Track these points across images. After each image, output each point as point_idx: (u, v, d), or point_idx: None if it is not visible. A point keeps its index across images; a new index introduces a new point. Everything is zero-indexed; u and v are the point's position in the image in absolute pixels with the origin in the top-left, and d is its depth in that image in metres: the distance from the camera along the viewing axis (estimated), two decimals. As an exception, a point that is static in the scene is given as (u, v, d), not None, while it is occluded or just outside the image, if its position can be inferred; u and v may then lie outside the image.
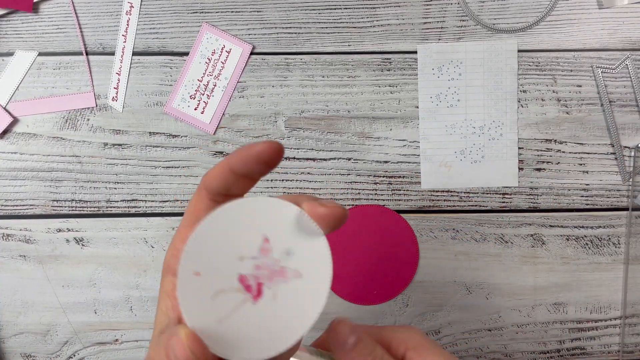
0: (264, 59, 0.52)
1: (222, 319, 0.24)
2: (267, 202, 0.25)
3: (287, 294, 0.25)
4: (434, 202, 0.53)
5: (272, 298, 0.25)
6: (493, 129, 0.52)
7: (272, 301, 0.25)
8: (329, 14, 0.52)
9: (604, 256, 0.53)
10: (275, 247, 0.25)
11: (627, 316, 0.54)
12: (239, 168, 0.25)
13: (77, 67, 0.52)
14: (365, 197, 0.53)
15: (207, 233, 0.24)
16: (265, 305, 0.25)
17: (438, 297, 0.53)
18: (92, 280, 0.53)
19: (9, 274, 0.52)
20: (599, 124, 0.53)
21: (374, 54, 0.52)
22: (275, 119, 0.52)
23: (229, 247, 0.24)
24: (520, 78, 0.52)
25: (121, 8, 0.51)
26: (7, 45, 0.52)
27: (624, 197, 0.53)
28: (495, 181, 0.53)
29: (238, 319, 0.24)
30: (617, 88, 0.52)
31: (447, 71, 0.52)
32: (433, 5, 0.52)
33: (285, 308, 0.25)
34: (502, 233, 0.53)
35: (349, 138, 0.52)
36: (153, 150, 0.52)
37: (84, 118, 0.52)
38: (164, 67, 0.52)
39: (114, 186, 0.52)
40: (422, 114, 0.52)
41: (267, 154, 0.25)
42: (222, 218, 0.24)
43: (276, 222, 0.25)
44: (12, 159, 0.52)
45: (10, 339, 0.53)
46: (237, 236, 0.24)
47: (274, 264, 0.25)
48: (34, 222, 0.52)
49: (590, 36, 0.52)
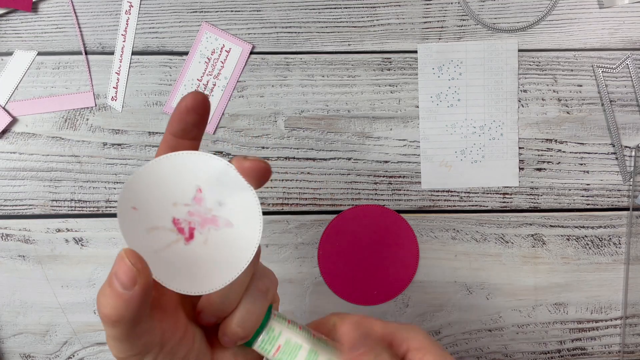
0: (264, 58, 0.52)
1: (157, 250, 0.26)
2: (201, 156, 0.27)
3: (218, 240, 0.27)
4: (434, 202, 0.53)
5: (203, 242, 0.27)
6: (493, 128, 0.52)
7: (203, 245, 0.27)
8: (329, 14, 0.52)
9: (605, 256, 0.53)
10: (208, 197, 0.27)
11: (627, 316, 0.54)
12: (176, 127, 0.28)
13: (76, 66, 0.52)
14: (365, 197, 0.53)
15: (146, 176, 0.26)
16: (197, 248, 0.27)
17: (438, 297, 0.53)
18: (92, 280, 0.53)
19: (8, 274, 0.52)
20: (600, 124, 0.53)
21: (374, 54, 0.52)
22: (275, 119, 0.52)
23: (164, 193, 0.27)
24: (520, 78, 0.52)
25: (120, 7, 0.51)
26: (6, 44, 0.51)
27: (624, 197, 0.53)
28: (495, 181, 0.53)
29: (171, 254, 0.27)
30: (617, 88, 0.52)
31: (448, 71, 0.52)
32: (433, 5, 0.52)
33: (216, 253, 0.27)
34: (503, 233, 0.53)
35: (349, 138, 0.52)
36: (153, 150, 0.52)
37: (83, 118, 0.52)
38: (163, 67, 0.52)
39: (114, 186, 0.52)
40: (422, 113, 0.52)
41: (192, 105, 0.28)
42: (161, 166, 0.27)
43: (210, 175, 0.27)
44: (11, 159, 0.52)
45: (10, 339, 0.53)
46: (173, 184, 0.27)
47: (206, 212, 0.27)
48: (33, 222, 0.52)
49: (590, 36, 0.52)
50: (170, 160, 0.27)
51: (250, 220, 0.27)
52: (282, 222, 0.53)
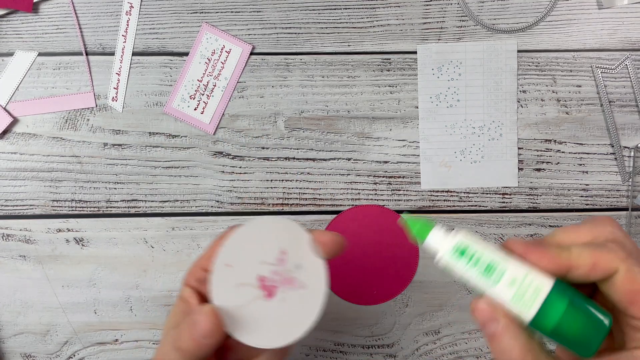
0: (264, 59, 0.52)
1: (239, 306, 0.30)
2: (288, 224, 0.32)
3: (292, 299, 0.31)
4: (434, 202, 0.53)
5: (280, 300, 0.30)
6: (493, 129, 0.52)
7: (281, 302, 0.30)
8: (329, 14, 0.52)
9: (604, 256, 0.53)
10: (289, 259, 0.31)
11: (626, 316, 0.54)
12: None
13: (77, 67, 0.52)
14: (365, 197, 0.53)
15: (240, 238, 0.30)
16: (275, 305, 0.30)
17: (438, 297, 0.53)
18: (92, 280, 0.53)
19: (9, 274, 0.52)
20: (599, 124, 0.53)
21: (374, 54, 0.52)
22: (275, 119, 0.52)
23: (255, 252, 0.30)
24: (519, 78, 0.52)
25: (121, 8, 0.51)
26: (7, 45, 0.52)
27: (623, 198, 0.53)
28: (495, 181, 0.53)
29: (252, 309, 0.30)
30: (616, 88, 0.52)
31: (447, 71, 0.52)
32: (433, 6, 0.52)
33: (290, 311, 0.30)
34: (502, 233, 0.53)
35: (348, 138, 0.53)
36: (153, 150, 0.52)
37: (83, 118, 0.52)
38: (163, 67, 0.52)
39: (114, 186, 0.52)
40: (422, 114, 0.52)
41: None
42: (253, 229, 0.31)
43: (292, 241, 0.31)
44: (12, 159, 0.52)
45: (10, 339, 0.53)
46: (262, 245, 0.31)
47: (286, 273, 0.31)
48: (33, 222, 0.52)
49: (589, 36, 0.52)
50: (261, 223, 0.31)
51: (318, 285, 0.31)
52: (282, 222, 0.53)
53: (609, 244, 0.28)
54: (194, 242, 0.53)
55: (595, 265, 0.27)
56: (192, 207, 0.53)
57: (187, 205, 0.53)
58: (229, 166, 0.52)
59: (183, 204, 0.53)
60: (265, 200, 0.53)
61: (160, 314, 0.53)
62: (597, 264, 0.27)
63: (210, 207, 0.53)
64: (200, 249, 0.53)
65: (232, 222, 0.53)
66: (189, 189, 0.53)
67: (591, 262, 0.27)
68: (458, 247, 0.28)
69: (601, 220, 0.30)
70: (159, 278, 0.53)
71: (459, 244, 0.28)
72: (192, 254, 0.53)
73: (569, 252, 0.28)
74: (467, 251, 0.28)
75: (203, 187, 0.53)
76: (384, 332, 0.53)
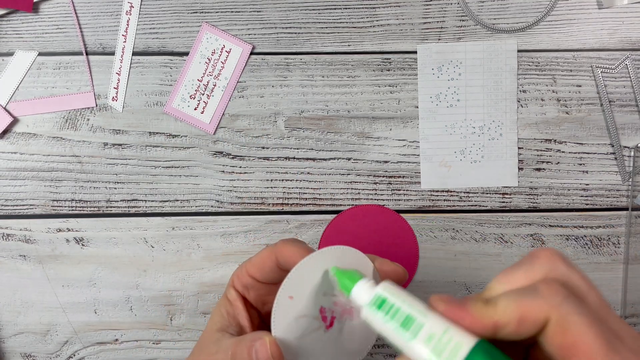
0: (264, 59, 0.52)
1: (298, 337, 0.30)
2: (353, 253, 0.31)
3: (350, 330, 0.31)
4: (434, 202, 0.53)
5: (339, 330, 0.30)
6: (493, 129, 0.52)
7: (339, 333, 0.30)
8: (329, 14, 0.52)
9: (604, 256, 0.53)
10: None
11: (626, 316, 0.54)
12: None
13: (77, 67, 0.52)
14: (365, 197, 0.53)
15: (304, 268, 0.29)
16: (333, 335, 0.30)
17: (438, 297, 0.53)
18: (92, 280, 0.53)
19: (9, 274, 0.52)
20: (599, 124, 0.53)
21: (374, 54, 0.52)
22: (275, 119, 0.52)
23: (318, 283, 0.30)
24: (519, 78, 0.52)
25: (121, 8, 0.51)
26: (7, 45, 0.52)
27: (623, 197, 0.53)
28: (495, 181, 0.53)
29: (310, 340, 0.30)
30: (616, 88, 0.52)
31: (447, 71, 0.52)
32: (433, 5, 0.52)
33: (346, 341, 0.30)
34: (502, 233, 0.53)
35: (348, 138, 0.53)
36: (153, 150, 0.52)
37: (84, 118, 0.52)
38: (163, 67, 0.52)
39: (114, 186, 0.52)
40: (422, 114, 0.52)
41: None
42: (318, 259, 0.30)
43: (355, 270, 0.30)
44: (12, 159, 0.52)
45: (10, 338, 0.53)
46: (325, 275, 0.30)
47: (346, 303, 0.30)
48: (33, 222, 0.52)
49: (589, 36, 0.52)
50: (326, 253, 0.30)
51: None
52: (282, 222, 0.53)
53: (542, 288, 0.24)
54: (194, 242, 0.53)
55: (522, 319, 0.23)
56: (192, 207, 0.53)
57: (187, 205, 0.53)
58: (229, 166, 0.52)
59: (183, 203, 0.53)
60: (265, 200, 0.53)
61: (160, 313, 0.53)
62: (525, 317, 0.23)
63: (210, 207, 0.53)
64: (201, 248, 0.53)
65: (232, 222, 0.53)
66: (189, 188, 0.53)
67: (517, 315, 0.23)
68: (377, 298, 0.27)
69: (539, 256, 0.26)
70: (159, 278, 0.53)
71: (378, 296, 0.27)
72: (192, 254, 0.53)
73: (494, 308, 0.24)
74: (385, 303, 0.26)
75: (203, 187, 0.53)
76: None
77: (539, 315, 0.23)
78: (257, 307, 0.36)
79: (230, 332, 0.33)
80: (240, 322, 0.34)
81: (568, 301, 0.23)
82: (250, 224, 0.53)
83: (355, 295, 0.28)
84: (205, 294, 0.53)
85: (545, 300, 0.23)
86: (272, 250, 0.33)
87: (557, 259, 0.25)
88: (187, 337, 0.53)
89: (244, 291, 0.35)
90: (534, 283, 0.24)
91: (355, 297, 0.28)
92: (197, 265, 0.53)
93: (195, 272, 0.53)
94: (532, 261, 0.26)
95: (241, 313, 0.34)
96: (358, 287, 0.28)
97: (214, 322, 0.34)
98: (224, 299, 0.35)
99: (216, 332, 0.33)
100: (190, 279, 0.53)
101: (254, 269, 0.34)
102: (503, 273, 0.26)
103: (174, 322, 0.53)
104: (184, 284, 0.53)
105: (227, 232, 0.53)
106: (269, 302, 0.36)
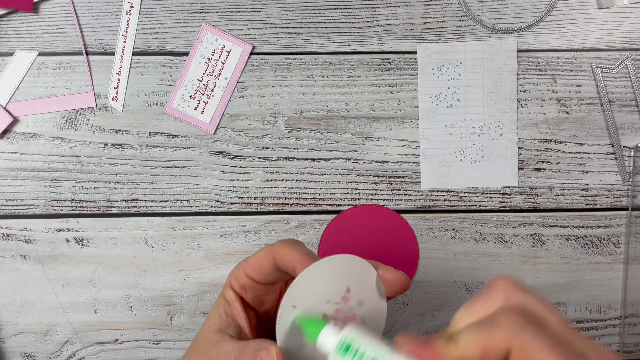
0: (264, 59, 0.52)
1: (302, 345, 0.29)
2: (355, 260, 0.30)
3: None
4: (434, 202, 0.53)
5: None
6: (493, 128, 0.52)
7: None
8: (329, 14, 0.52)
9: (604, 256, 0.53)
10: (353, 297, 0.30)
11: (626, 316, 0.54)
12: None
13: (77, 67, 0.52)
14: (365, 197, 0.53)
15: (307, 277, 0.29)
16: None
17: (438, 297, 0.53)
18: (92, 280, 0.53)
19: (9, 274, 0.52)
20: (599, 124, 0.53)
21: (374, 54, 0.52)
22: (275, 119, 0.52)
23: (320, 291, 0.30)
24: (520, 78, 0.52)
25: (121, 8, 0.51)
26: (7, 45, 0.52)
27: (623, 197, 0.53)
28: (495, 181, 0.53)
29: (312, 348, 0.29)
30: (616, 88, 0.52)
31: (447, 71, 0.52)
32: (433, 5, 0.52)
33: None
34: (502, 233, 0.53)
35: (348, 138, 0.53)
36: (153, 150, 0.52)
37: (84, 118, 0.52)
38: (163, 67, 0.52)
39: (114, 186, 0.52)
40: (422, 114, 0.52)
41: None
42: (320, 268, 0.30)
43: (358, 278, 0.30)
44: (12, 159, 0.52)
45: (10, 338, 0.53)
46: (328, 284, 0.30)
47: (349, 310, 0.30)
48: (34, 222, 0.52)
49: (589, 36, 0.52)
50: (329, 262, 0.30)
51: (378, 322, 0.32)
52: (282, 222, 0.53)
53: (500, 318, 0.24)
54: (194, 241, 0.53)
55: (485, 352, 0.23)
56: (192, 207, 0.53)
57: (187, 205, 0.53)
58: (229, 166, 0.52)
59: (183, 203, 0.53)
60: (265, 200, 0.53)
61: (160, 313, 0.53)
62: (487, 350, 0.23)
63: (210, 207, 0.53)
64: (201, 248, 0.53)
65: (232, 222, 0.53)
66: (189, 188, 0.53)
67: (480, 349, 0.23)
68: (343, 342, 0.27)
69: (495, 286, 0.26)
70: (159, 278, 0.53)
71: (344, 339, 0.27)
72: (192, 254, 0.53)
73: (456, 345, 0.24)
74: (351, 346, 0.27)
75: (203, 187, 0.53)
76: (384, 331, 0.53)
77: (500, 347, 0.23)
78: (255, 307, 0.35)
79: (229, 333, 0.33)
80: (238, 323, 0.34)
81: (526, 328, 0.23)
82: (250, 224, 0.53)
83: (321, 343, 0.28)
84: (205, 294, 0.53)
85: (504, 331, 0.23)
86: (269, 251, 0.33)
87: (513, 286, 0.26)
88: (187, 337, 0.53)
89: (241, 291, 0.34)
90: (493, 314, 0.24)
91: (320, 345, 0.28)
92: (197, 265, 0.53)
93: (195, 272, 0.53)
94: (489, 292, 0.26)
95: (239, 314, 0.34)
96: (323, 335, 0.28)
97: (212, 322, 0.34)
98: (221, 299, 0.35)
99: (215, 333, 0.33)
100: (190, 279, 0.53)
101: (251, 270, 0.34)
102: (464, 306, 0.26)
103: (174, 322, 0.53)
104: (184, 284, 0.53)
105: (227, 232, 0.53)
106: (266, 301, 0.35)
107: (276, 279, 0.34)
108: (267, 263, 0.33)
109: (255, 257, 0.34)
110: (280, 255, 0.32)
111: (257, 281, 0.34)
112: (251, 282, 0.34)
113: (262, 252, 0.33)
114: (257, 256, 0.34)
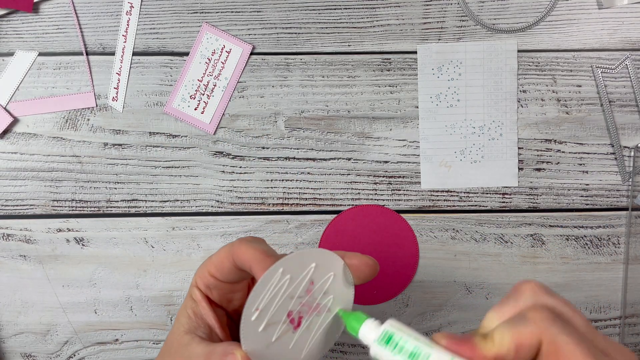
0: (264, 59, 0.52)
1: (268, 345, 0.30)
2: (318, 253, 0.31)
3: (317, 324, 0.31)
4: (434, 202, 0.53)
5: (306, 327, 0.31)
6: (493, 129, 0.52)
7: (306, 330, 0.31)
8: (329, 14, 0.52)
9: (604, 256, 0.53)
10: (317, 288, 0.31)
11: (626, 316, 0.54)
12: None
13: (77, 67, 0.52)
14: (365, 197, 0.53)
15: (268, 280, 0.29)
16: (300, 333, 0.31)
17: (438, 297, 0.53)
18: (92, 280, 0.53)
19: (9, 274, 0.53)
20: (599, 124, 0.53)
21: (374, 54, 0.52)
22: (275, 119, 0.52)
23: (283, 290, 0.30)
24: (520, 78, 0.52)
25: (121, 8, 0.51)
26: (7, 45, 0.52)
27: (623, 197, 0.53)
28: (495, 181, 0.53)
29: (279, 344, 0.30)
30: (616, 88, 0.52)
31: (447, 71, 0.52)
32: (433, 6, 0.52)
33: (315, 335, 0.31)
34: (502, 233, 0.53)
35: (349, 138, 0.53)
36: (153, 150, 0.52)
37: (84, 118, 0.52)
38: (164, 67, 0.52)
39: (114, 186, 0.52)
40: (422, 114, 0.52)
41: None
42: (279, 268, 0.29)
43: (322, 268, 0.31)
44: (12, 159, 0.52)
45: (10, 338, 0.53)
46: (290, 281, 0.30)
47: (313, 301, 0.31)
48: (34, 222, 0.52)
49: (590, 36, 0.52)
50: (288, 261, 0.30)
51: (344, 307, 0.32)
52: (282, 222, 0.53)
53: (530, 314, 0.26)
54: (194, 242, 0.53)
55: (519, 346, 0.25)
56: (192, 207, 0.53)
57: (187, 205, 0.53)
58: (229, 166, 0.52)
59: (183, 203, 0.53)
60: (265, 200, 0.53)
61: (160, 313, 0.53)
62: (521, 344, 0.25)
63: (210, 207, 0.53)
64: (201, 248, 0.53)
65: (232, 222, 0.53)
66: (189, 188, 0.53)
67: (514, 344, 0.25)
68: (384, 335, 0.28)
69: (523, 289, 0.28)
70: (159, 278, 0.53)
71: (385, 333, 0.29)
72: (192, 254, 0.53)
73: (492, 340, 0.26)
74: (392, 339, 0.28)
75: (203, 187, 0.53)
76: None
77: (532, 340, 0.25)
78: (223, 305, 0.35)
79: (199, 334, 0.33)
80: (208, 323, 0.33)
81: (556, 323, 0.25)
82: (250, 224, 0.53)
83: (363, 334, 0.30)
84: (206, 294, 0.53)
85: (535, 326, 0.25)
86: (229, 251, 0.32)
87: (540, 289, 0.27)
88: (187, 337, 0.53)
89: (206, 291, 0.34)
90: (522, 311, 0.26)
91: (363, 336, 0.30)
92: (197, 265, 0.53)
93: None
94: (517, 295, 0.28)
95: (207, 313, 0.33)
96: (365, 327, 0.30)
97: (181, 323, 0.33)
98: (188, 299, 0.34)
99: (185, 335, 0.33)
100: (190, 279, 0.53)
101: (214, 269, 0.33)
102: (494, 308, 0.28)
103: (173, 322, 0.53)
104: (184, 284, 0.53)
105: (227, 232, 0.53)
106: (234, 299, 0.35)
107: (239, 278, 0.33)
108: (227, 263, 0.32)
109: (217, 256, 0.33)
110: (238, 255, 0.32)
111: (220, 280, 0.33)
112: (215, 281, 0.34)
113: (222, 251, 0.33)
114: (218, 255, 0.33)
